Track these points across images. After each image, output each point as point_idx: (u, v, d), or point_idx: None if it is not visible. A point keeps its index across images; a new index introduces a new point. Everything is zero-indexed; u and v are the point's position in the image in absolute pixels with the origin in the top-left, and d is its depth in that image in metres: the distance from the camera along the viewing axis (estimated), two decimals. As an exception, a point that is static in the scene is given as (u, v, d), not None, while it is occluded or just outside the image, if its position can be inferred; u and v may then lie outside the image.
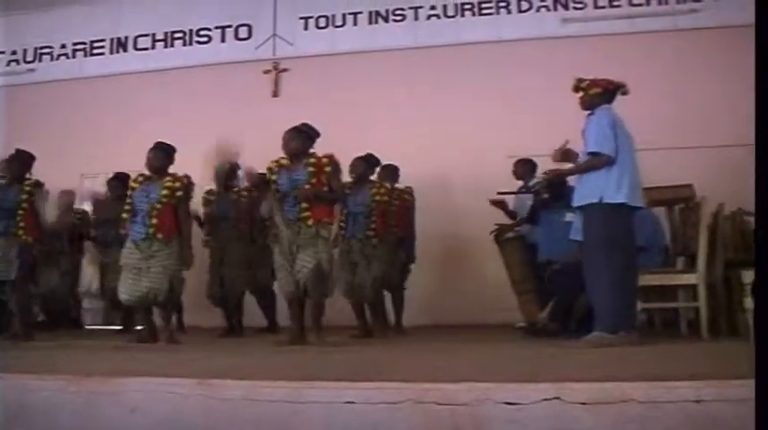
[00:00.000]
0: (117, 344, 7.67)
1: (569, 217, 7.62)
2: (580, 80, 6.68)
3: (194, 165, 8.58)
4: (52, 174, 9.20)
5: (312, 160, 7.40)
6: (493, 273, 9.65)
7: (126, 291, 7.62)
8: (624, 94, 6.60)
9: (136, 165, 8.53)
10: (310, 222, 7.23)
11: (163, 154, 7.97)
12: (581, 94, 6.66)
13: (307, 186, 7.28)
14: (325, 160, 7.42)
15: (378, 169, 9.14)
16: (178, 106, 12.38)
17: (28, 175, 8.66)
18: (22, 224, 8.38)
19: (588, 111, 6.55)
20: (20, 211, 8.41)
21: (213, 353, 6.58)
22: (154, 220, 7.62)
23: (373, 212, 8.57)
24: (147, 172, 7.94)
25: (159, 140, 8.14)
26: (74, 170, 12.39)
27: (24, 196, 8.45)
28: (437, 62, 11.69)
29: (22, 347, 7.37)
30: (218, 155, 9.31)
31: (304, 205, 7.25)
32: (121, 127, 12.53)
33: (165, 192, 7.73)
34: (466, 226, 10.56)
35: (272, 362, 5.67)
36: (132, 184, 7.95)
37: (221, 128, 11.66)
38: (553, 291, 7.93)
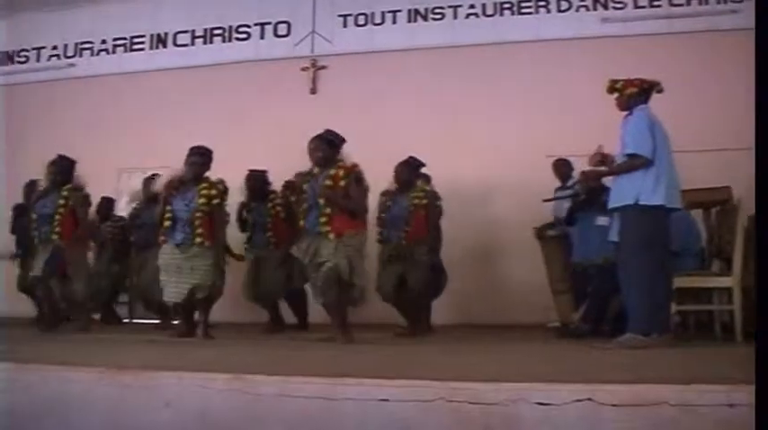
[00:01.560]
0: (152, 339, 7.75)
1: (602, 221, 7.60)
2: (614, 81, 6.65)
3: (232, 163, 8.65)
4: (90, 169, 9.29)
5: (332, 171, 7.29)
6: (527, 272, 9.65)
7: (170, 290, 7.78)
8: (659, 91, 6.56)
9: (173, 161, 8.60)
10: (332, 236, 7.14)
11: (201, 159, 8.00)
12: (616, 95, 6.63)
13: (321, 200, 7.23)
14: (341, 172, 7.29)
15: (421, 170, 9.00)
16: (216, 103, 12.44)
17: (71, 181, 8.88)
18: (57, 229, 8.60)
19: (625, 112, 6.52)
20: (57, 216, 8.60)
21: (247, 349, 6.62)
22: (199, 230, 7.77)
23: (412, 216, 8.54)
24: (168, 167, 8.14)
25: (197, 145, 8.15)
26: (112, 165, 12.50)
27: (62, 201, 8.65)
28: (475, 61, 11.65)
29: (57, 340, 7.44)
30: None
31: (323, 219, 7.16)
32: (160, 122, 12.60)
33: (202, 200, 7.81)
34: (501, 225, 10.55)
35: (305, 358, 5.71)
36: (170, 191, 7.98)
37: (259, 125, 11.78)
38: (587, 293, 7.93)
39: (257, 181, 9.55)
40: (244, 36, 12.97)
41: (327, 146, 7.43)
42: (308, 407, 3.82)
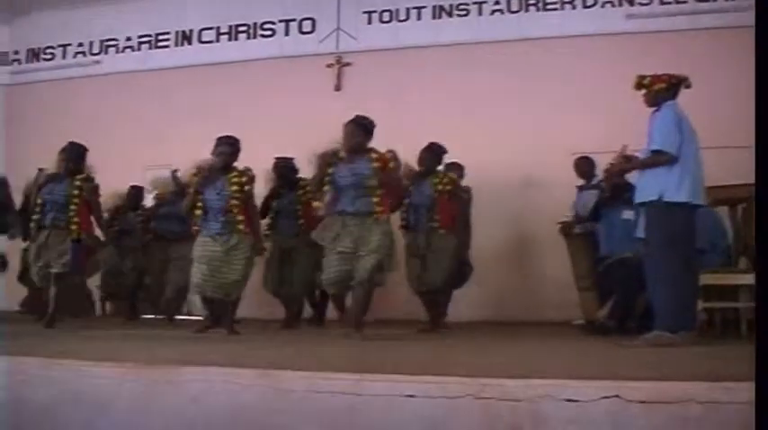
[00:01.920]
0: (175, 334, 7.78)
1: (627, 214, 7.60)
2: (642, 77, 6.63)
3: (257, 159, 8.66)
4: (116, 165, 9.36)
5: (375, 155, 7.30)
6: (552, 269, 9.65)
7: (205, 283, 7.69)
8: (687, 87, 6.54)
9: (198, 157, 8.61)
10: (381, 217, 7.19)
11: (230, 149, 7.98)
12: (644, 91, 6.61)
13: (372, 182, 7.19)
14: (389, 155, 7.33)
15: (444, 157, 8.97)
16: (241, 99, 12.48)
17: (82, 169, 8.78)
18: (75, 219, 8.53)
19: (653, 108, 6.51)
20: (72, 206, 8.52)
21: (273, 345, 6.64)
22: (239, 217, 7.74)
23: (436, 203, 8.50)
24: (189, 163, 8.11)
25: (225, 134, 8.13)
26: (137, 162, 12.55)
27: (75, 191, 8.56)
28: (500, 57, 11.63)
29: (81, 335, 7.48)
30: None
31: (375, 199, 7.18)
32: (185, 119, 12.64)
33: (235, 188, 7.79)
34: (528, 222, 10.55)
35: (332, 354, 5.72)
36: (197, 179, 7.92)
37: (284, 121, 11.80)
38: (613, 289, 7.91)
39: (286, 168, 9.51)
40: (269, 33, 13.01)
41: (364, 131, 7.45)
42: (335, 402, 3.84)
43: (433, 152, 8.75)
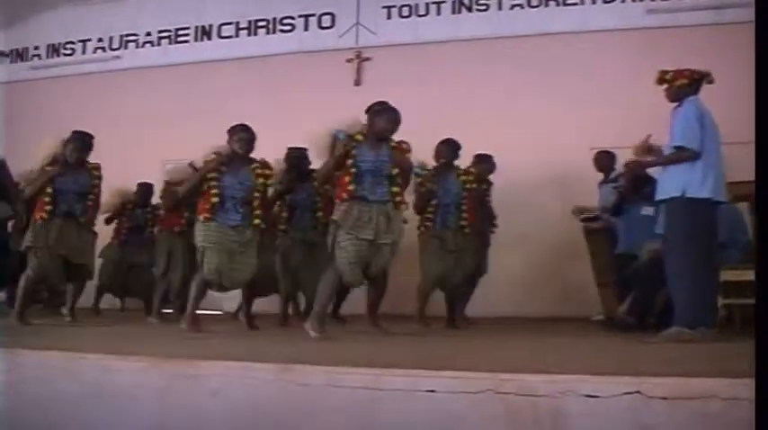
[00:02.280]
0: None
1: (646, 210, 7.58)
2: (664, 72, 6.60)
3: (277, 153, 8.68)
4: (135, 160, 9.38)
5: (392, 143, 7.19)
6: (571, 265, 9.63)
7: (222, 271, 7.35)
8: (710, 82, 6.51)
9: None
10: (401, 205, 7.07)
11: (248, 135, 7.74)
12: (665, 86, 6.58)
13: (395, 170, 7.05)
14: (405, 145, 7.28)
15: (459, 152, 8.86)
16: (261, 94, 12.49)
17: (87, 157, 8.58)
18: (90, 211, 8.47)
19: (675, 104, 6.48)
20: (90, 196, 8.40)
21: (292, 339, 6.62)
22: (257, 211, 7.51)
23: (464, 201, 8.42)
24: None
25: (239, 123, 7.94)
26: (155, 156, 12.58)
27: (96, 181, 8.45)
28: (520, 52, 11.60)
29: (102, 328, 7.51)
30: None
31: (395, 188, 7.02)
32: (204, 114, 12.66)
33: (261, 180, 7.60)
34: (548, 217, 10.51)
35: (352, 348, 5.72)
36: (215, 163, 7.60)
37: (303, 116, 11.80)
38: (632, 285, 7.89)
39: (300, 158, 9.16)
40: (288, 28, 13.02)
41: (399, 122, 7.30)
42: (356, 397, 3.84)
43: (451, 146, 8.70)
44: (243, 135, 7.64)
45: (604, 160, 9.27)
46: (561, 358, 5.08)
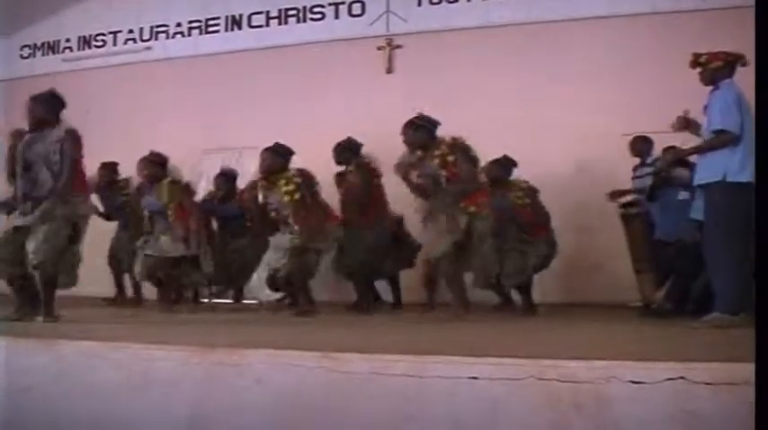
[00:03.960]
0: (241, 318, 7.85)
1: (683, 195, 7.52)
2: (698, 55, 6.55)
3: (310, 144, 8.68)
4: (168, 150, 9.38)
5: (437, 151, 7.40)
6: (608, 251, 9.59)
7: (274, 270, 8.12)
8: (743, 65, 6.43)
9: (252, 141, 8.61)
10: (472, 209, 7.36)
11: (278, 157, 8.33)
12: (700, 69, 6.53)
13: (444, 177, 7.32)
14: (445, 148, 7.39)
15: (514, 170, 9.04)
16: (292, 83, 12.50)
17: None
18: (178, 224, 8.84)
19: (710, 87, 6.43)
20: (169, 212, 8.82)
21: (337, 328, 6.66)
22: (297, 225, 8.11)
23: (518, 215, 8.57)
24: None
25: (276, 143, 8.37)
26: (193, 145, 12.63)
27: (166, 199, 8.86)
28: (550, 38, 11.50)
29: (146, 319, 7.55)
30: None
31: (451, 198, 7.33)
32: (237, 103, 12.71)
33: (286, 198, 8.06)
34: (582, 204, 10.46)
35: (395, 336, 5.72)
36: (261, 184, 8.37)
37: (335, 104, 11.82)
38: (670, 271, 7.85)
39: (349, 147, 9.42)
40: (318, 16, 12.98)
41: (423, 131, 7.60)
42: (398, 384, 3.85)
43: (502, 165, 8.83)
44: (267, 155, 8.43)
45: (640, 145, 9.19)
46: (602, 344, 5.08)
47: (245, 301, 10.22)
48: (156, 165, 9.01)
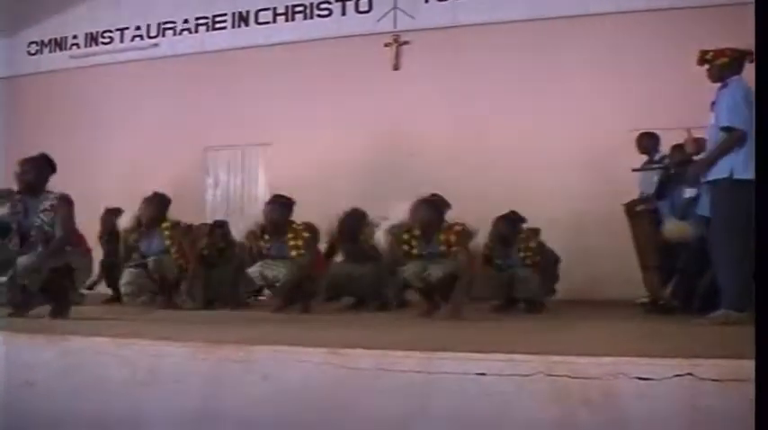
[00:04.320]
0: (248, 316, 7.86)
1: (689, 192, 7.51)
2: (704, 52, 6.54)
3: (318, 140, 8.69)
4: (174, 147, 9.42)
5: (442, 237, 7.47)
6: (614, 248, 9.58)
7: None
8: (752, 61, 6.42)
9: (257, 138, 8.57)
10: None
11: (283, 209, 8.40)
12: (707, 66, 6.53)
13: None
14: (453, 237, 7.43)
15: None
16: (299, 80, 12.52)
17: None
18: (181, 261, 8.86)
19: (719, 84, 6.42)
20: (166, 254, 8.79)
21: (344, 325, 6.66)
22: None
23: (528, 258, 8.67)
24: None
25: (277, 194, 8.50)
26: (197, 143, 12.66)
27: (168, 242, 8.82)
28: (557, 35, 11.51)
29: (152, 316, 7.55)
30: None
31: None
32: (243, 100, 12.74)
33: (294, 252, 8.24)
34: (588, 200, 10.45)
35: (403, 333, 5.72)
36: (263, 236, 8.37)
37: (343, 101, 11.82)
38: (676, 268, 7.84)
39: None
40: (325, 13, 12.98)
41: (432, 210, 7.61)
42: (406, 381, 3.85)
43: (511, 221, 8.81)
44: (272, 208, 8.50)
45: (647, 141, 9.16)
46: (610, 341, 5.08)
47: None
48: (157, 205, 8.98)
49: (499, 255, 8.66)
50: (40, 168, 6.83)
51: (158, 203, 8.95)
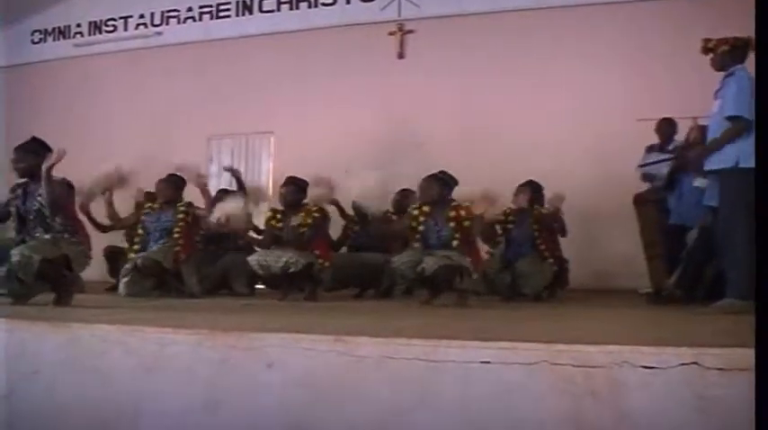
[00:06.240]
0: (251, 303, 7.86)
1: (699, 182, 7.50)
2: (707, 40, 6.55)
3: (323, 130, 8.67)
4: (179, 136, 9.40)
5: (452, 213, 7.50)
6: (618, 237, 9.58)
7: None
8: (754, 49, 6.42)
9: (262, 127, 8.52)
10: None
11: (296, 189, 8.51)
12: (710, 55, 6.52)
13: (454, 242, 7.47)
14: (463, 212, 7.47)
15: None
16: (303, 68, 12.51)
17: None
18: (180, 241, 8.81)
19: (723, 73, 6.40)
20: (176, 230, 8.82)
21: (349, 313, 6.67)
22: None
23: (537, 238, 8.79)
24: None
25: (292, 176, 8.52)
26: (201, 132, 12.65)
27: (180, 215, 8.87)
28: (564, 23, 11.50)
29: (157, 304, 7.55)
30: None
31: (455, 242, 7.49)
32: (247, 89, 12.73)
33: (303, 229, 8.27)
34: (594, 189, 10.44)
35: (408, 321, 5.72)
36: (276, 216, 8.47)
37: (347, 90, 11.80)
38: (682, 257, 7.84)
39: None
40: (330, 1, 12.95)
41: (440, 185, 7.69)
42: (410, 368, 3.84)
43: (532, 189, 8.96)
44: (287, 189, 8.62)
45: (666, 127, 9.11)
46: (615, 329, 5.08)
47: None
48: (174, 187, 9.10)
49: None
50: (33, 152, 6.80)
51: (174, 184, 9.10)
